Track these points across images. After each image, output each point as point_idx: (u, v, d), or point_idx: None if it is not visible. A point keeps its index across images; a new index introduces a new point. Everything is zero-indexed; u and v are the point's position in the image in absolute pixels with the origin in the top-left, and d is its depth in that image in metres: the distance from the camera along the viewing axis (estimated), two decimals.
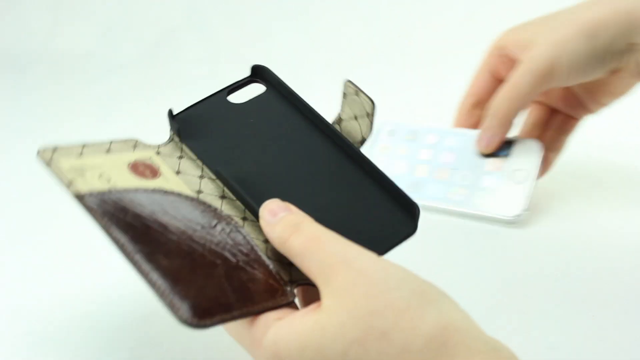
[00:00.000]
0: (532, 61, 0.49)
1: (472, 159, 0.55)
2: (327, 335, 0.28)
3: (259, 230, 0.34)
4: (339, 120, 0.40)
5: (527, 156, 0.53)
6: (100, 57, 1.05)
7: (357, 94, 0.38)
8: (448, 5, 0.99)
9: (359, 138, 0.39)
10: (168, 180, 0.37)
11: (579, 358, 0.39)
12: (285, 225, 0.32)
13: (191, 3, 1.09)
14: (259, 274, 0.32)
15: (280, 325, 0.29)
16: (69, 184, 0.33)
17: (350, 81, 0.39)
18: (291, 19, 1.05)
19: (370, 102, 0.37)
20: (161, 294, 0.30)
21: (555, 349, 0.40)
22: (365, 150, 0.39)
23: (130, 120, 0.83)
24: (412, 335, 0.27)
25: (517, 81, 0.50)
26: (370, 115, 0.38)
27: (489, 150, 0.54)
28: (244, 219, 0.36)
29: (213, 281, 0.31)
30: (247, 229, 0.35)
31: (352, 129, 0.39)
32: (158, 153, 0.41)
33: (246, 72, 0.46)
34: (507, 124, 0.52)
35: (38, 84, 0.98)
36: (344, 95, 0.40)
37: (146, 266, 0.30)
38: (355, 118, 0.39)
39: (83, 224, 0.58)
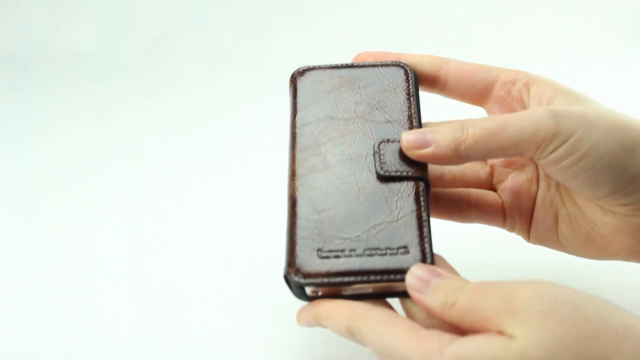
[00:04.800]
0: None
1: None
2: (531, 359, 0.26)
3: None
4: None
5: None
6: (100, 57, 1.05)
7: None
8: (448, 5, 0.99)
9: None
10: None
11: None
12: (447, 293, 0.30)
13: (191, 2, 1.09)
14: None
15: (461, 344, 0.28)
16: None
17: None
18: (291, 19, 1.05)
19: None
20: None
21: None
22: None
23: (130, 120, 0.83)
24: None
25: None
26: None
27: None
28: None
29: None
30: None
31: None
32: None
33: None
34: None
35: (37, 82, 0.98)
36: None
37: None
38: None
39: (83, 223, 0.59)
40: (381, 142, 0.39)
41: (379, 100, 0.41)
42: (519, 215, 0.41)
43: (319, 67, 0.45)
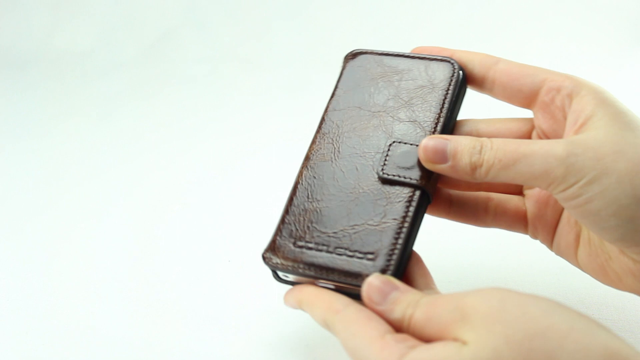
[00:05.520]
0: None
1: None
2: None
3: None
4: None
5: None
6: (100, 56, 1.05)
7: None
8: (449, 5, 0.99)
9: None
10: None
11: None
12: (405, 306, 0.31)
13: (191, 2, 1.09)
14: None
15: (418, 351, 0.29)
16: None
17: None
18: (291, 18, 1.05)
19: None
20: None
21: None
22: None
23: (130, 120, 0.83)
24: (583, 356, 0.26)
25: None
26: None
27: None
28: None
29: None
30: None
31: None
32: None
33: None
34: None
35: (38, 82, 0.98)
36: None
37: None
38: None
39: (83, 222, 0.59)
40: (394, 142, 0.38)
41: (413, 96, 0.40)
42: (542, 226, 0.41)
43: (371, 52, 0.44)
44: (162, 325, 0.45)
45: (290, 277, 0.37)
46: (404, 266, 0.35)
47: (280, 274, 0.37)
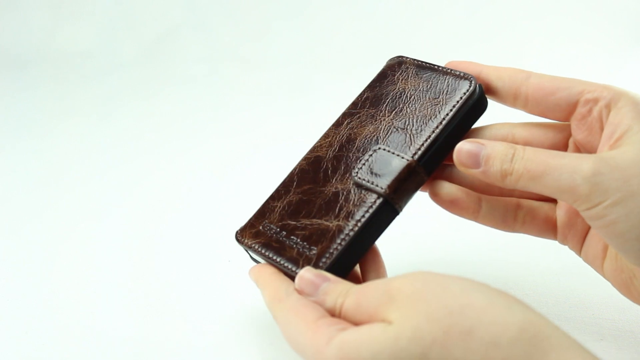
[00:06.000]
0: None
1: None
2: (403, 339, 0.28)
3: None
4: None
5: None
6: (100, 56, 1.05)
7: None
8: (449, 5, 0.99)
9: None
10: None
11: None
12: (336, 296, 0.33)
13: (191, 2, 1.09)
14: None
15: (347, 333, 0.30)
16: None
17: None
18: (291, 18, 1.05)
19: None
20: None
21: None
22: None
23: (131, 120, 0.83)
24: (501, 330, 0.27)
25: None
26: None
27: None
28: None
29: None
30: None
31: None
32: None
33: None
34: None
35: (38, 82, 0.98)
36: None
37: None
38: None
39: (82, 222, 0.59)
40: (379, 148, 0.39)
41: (423, 108, 0.40)
42: (572, 235, 0.41)
43: (411, 60, 0.44)
44: (162, 325, 0.45)
45: (258, 258, 0.39)
46: (347, 266, 0.36)
47: (250, 253, 0.40)
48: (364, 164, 0.38)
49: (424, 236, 0.53)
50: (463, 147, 0.36)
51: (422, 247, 0.51)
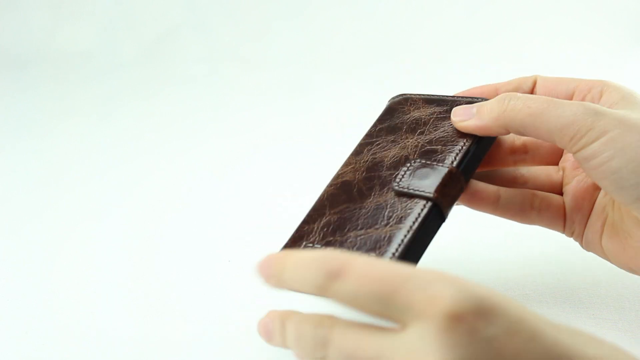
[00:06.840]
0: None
1: None
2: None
3: None
4: None
5: None
6: (100, 56, 1.05)
7: None
8: (449, 5, 0.99)
9: None
10: None
11: None
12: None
13: (191, 2, 1.09)
14: None
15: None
16: None
17: None
18: (291, 18, 1.05)
19: None
20: None
21: None
22: None
23: (131, 119, 0.83)
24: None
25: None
26: None
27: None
28: None
29: None
30: None
31: None
32: None
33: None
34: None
35: (38, 82, 0.98)
36: None
37: None
38: None
39: (82, 222, 0.59)
40: (413, 161, 0.39)
41: (446, 127, 0.41)
42: (578, 219, 0.41)
43: (412, 97, 0.45)
44: (162, 325, 0.45)
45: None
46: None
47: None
48: (403, 175, 0.39)
49: None
50: (456, 109, 0.40)
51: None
